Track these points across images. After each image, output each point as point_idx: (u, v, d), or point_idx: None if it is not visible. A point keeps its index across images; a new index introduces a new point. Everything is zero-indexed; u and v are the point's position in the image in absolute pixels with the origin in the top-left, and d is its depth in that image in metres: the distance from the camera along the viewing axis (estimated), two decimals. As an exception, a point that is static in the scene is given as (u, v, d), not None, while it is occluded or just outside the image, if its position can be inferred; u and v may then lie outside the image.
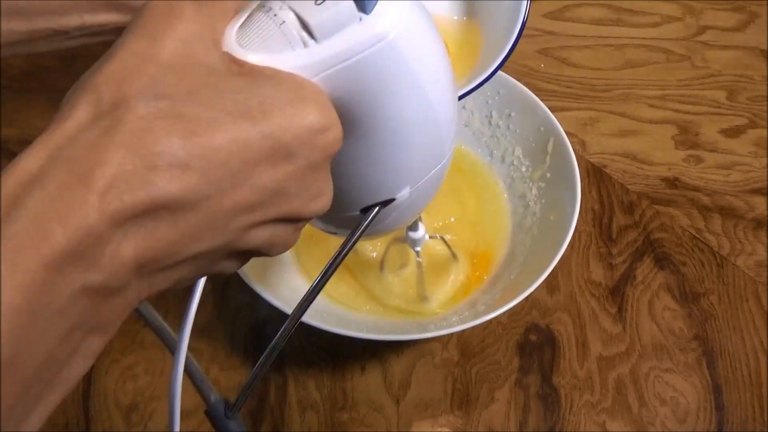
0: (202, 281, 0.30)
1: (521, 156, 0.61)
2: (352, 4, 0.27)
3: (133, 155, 0.22)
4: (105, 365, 0.55)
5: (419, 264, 0.54)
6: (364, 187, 0.34)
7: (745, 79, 0.74)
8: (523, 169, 0.61)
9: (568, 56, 0.76)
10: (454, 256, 0.56)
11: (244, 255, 0.28)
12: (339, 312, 0.56)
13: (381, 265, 0.56)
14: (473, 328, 0.50)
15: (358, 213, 0.35)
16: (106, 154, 0.22)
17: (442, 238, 0.56)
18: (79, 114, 0.23)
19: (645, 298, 0.59)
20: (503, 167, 0.63)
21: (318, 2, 0.27)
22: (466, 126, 0.64)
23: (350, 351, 0.56)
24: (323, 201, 0.29)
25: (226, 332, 0.57)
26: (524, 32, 0.42)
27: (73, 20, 0.38)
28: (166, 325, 0.33)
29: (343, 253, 0.34)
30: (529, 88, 0.60)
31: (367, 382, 0.55)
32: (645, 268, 0.61)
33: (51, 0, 0.37)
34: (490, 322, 0.56)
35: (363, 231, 0.34)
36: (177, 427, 0.32)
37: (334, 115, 0.28)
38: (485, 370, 0.56)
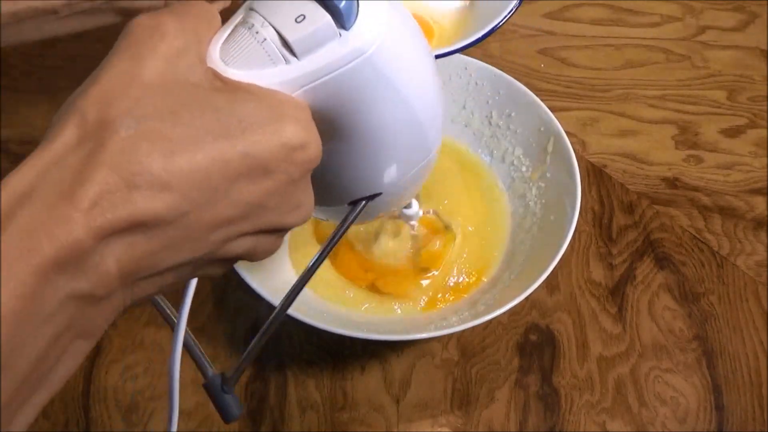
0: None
1: (521, 156, 0.61)
2: (332, 21, 0.28)
3: (116, 175, 0.24)
4: (105, 365, 0.56)
5: (414, 237, 0.54)
6: (350, 184, 0.36)
7: (745, 79, 0.74)
8: (523, 169, 0.61)
9: (568, 56, 0.76)
10: (447, 227, 0.57)
11: (228, 261, 0.29)
12: (339, 312, 0.56)
13: (376, 235, 0.57)
14: (473, 328, 0.50)
15: (346, 206, 0.36)
16: (91, 175, 0.23)
17: (435, 213, 0.56)
18: (66, 135, 0.24)
19: (645, 298, 0.59)
20: (503, 167, 0.63)
21: (298, 19, 0.28)
22: (466, 126, 0.64)
23: (350, 351, 0.56)
24: (303, 212, 0.30)
25: (226, 332, 0.57)
26: (524, 32, 0.42)
27: None
28: (165, 301, 0.34)
29: (333, 242, 0.35)
30: (529, 88, 0.61)
31: (367, 382, 0.55)
32: (645, 268, 0.61)
33: None
34: (490, 322, 0.56)
35: (351, 223, 0.36)
36: (176, 401, 0.33)
37: (313, 130, 0.28)
38: (485, 370, 0.56)
